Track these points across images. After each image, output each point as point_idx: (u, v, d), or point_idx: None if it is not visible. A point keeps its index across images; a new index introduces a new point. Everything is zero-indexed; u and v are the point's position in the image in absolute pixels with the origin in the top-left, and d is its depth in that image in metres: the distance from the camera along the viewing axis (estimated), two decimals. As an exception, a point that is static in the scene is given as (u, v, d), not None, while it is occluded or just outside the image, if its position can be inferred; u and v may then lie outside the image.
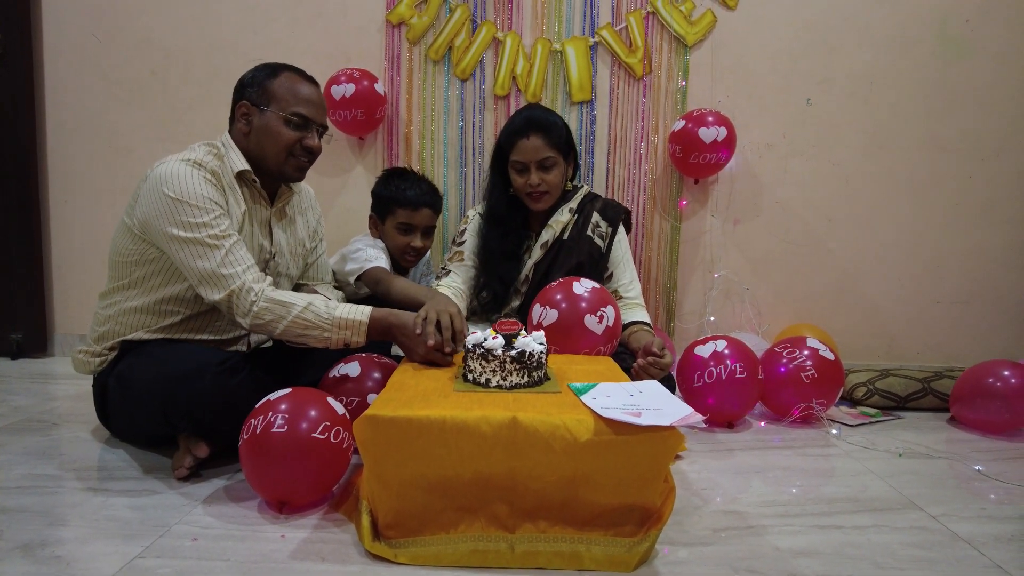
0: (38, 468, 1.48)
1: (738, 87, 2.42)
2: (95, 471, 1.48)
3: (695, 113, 2.29)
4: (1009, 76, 2.38)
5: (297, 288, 1.86)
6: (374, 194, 2.07)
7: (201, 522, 1.24)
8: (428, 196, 2.03)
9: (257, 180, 1.60)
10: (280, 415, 1.24)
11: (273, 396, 1.31)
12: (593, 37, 2.40)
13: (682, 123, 2.29)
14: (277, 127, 1.56)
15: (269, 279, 1.50)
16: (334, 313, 1.45)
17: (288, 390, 1.33)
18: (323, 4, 2.43)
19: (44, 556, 1.11)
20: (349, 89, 2.26)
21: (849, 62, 2.40)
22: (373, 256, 1.93)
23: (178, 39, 2.47)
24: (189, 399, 1.37)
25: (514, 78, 2.41)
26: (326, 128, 1.65)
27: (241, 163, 1.57)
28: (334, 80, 2.29)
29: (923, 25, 2.37)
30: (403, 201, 1.98)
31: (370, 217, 2.09)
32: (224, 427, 1.40)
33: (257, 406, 1.31)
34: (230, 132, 1.62)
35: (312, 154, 1.62)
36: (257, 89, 1.57)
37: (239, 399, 1.38)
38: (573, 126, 2.43)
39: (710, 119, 2.25)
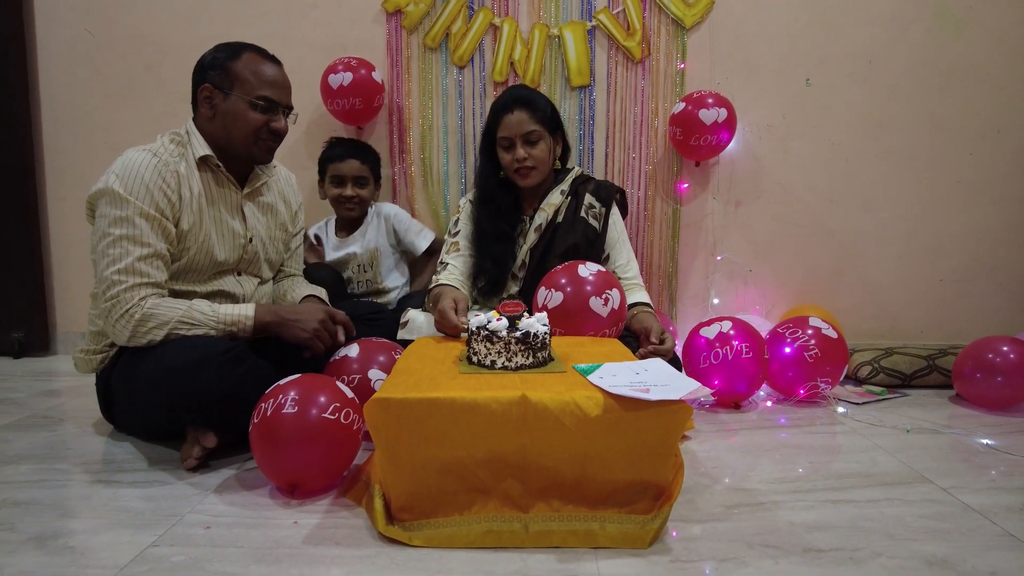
0: (46, 463, 1.48)
1: (737, 68, 2.41)
2: (103, 464, 1.48)
3: (695, 95, 2.28)
4: (1008, 53, 2.37)
5: (275, 277, 1.83)
6: (318, 164, 2.27)
7: (213, 510, 1.24)
8: (355, 150, 2.22)
9: (221, 165, 1.59)
10: (290, 398, 1.24)
11: (283, 381, 1.31)
12: (591, 21, 2.38)
13: (682, 105, 2.27)
14: (243, 111, 1.54)
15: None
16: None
17: (297, 376, 1.33)
18: (318, -7, 2.41)
19: (57, 547, 1.10)
20: (346, 78, 2.24)
21: (848, 41, 2.39)
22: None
23: (172, 33, 2.45)
24: (194, 391, 1.36)
25: (512, 64, 2.39)
26: (291, 108, 1.63)
27: (204, 149, 1.56)
28: (331, 69, 2.28)
29: (921, 3, 2.36)
30: (332, 157, 2.20)
31: (318, 184, 2.29)
32: (230, 417, 1.40)
33: (267, 391, 1.31)
34: (194, 118, 1.60)
35: (279, 136, 1.61)
36: (219, 72, 1.54)
37: (244, 388, 1.38)
38: (572, 111, 2.42)
39: (710, 100, 2.23)
